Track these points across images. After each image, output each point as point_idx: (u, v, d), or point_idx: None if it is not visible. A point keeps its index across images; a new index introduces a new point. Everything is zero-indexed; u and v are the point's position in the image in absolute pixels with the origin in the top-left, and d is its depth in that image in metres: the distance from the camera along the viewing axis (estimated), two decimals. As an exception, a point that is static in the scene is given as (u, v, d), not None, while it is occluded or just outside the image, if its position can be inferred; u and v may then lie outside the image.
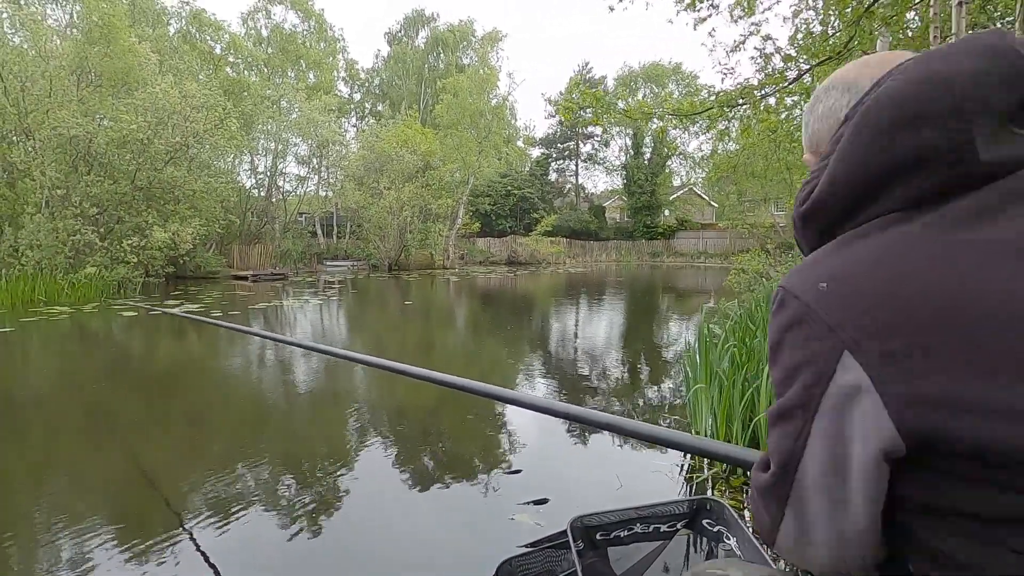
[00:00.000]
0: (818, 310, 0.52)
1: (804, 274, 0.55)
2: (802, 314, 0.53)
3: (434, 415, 3.97)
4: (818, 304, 0.52)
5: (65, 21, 17.78)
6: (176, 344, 7.03)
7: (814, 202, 0.60)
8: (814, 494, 0.54)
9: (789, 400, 0.54)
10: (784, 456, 0.55)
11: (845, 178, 0.57)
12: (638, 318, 9.87)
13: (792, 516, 0.56)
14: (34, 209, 11.42)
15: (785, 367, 0.55)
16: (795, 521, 0.56)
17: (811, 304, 0.52)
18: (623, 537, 1.37)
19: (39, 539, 2.17)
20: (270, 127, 21.93)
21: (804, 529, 0.55)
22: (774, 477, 0.57)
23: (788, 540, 0.58)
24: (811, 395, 0.52)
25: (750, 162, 11.02)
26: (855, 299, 0.50)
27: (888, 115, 0.54)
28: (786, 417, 0.54)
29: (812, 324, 0.52)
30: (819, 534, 0.55)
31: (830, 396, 0.50)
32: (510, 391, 1.34)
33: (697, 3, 5.90)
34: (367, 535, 2.25)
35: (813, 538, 0.55)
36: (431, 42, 37.42)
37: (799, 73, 6.30)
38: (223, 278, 16.50)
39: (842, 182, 0.57)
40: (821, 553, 0.56)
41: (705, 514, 1.37)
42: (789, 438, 0.54)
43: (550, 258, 28.01)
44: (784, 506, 0.56)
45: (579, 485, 2.74)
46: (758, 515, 0.62)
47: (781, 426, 0.55)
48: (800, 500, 0.55)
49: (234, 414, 4.06)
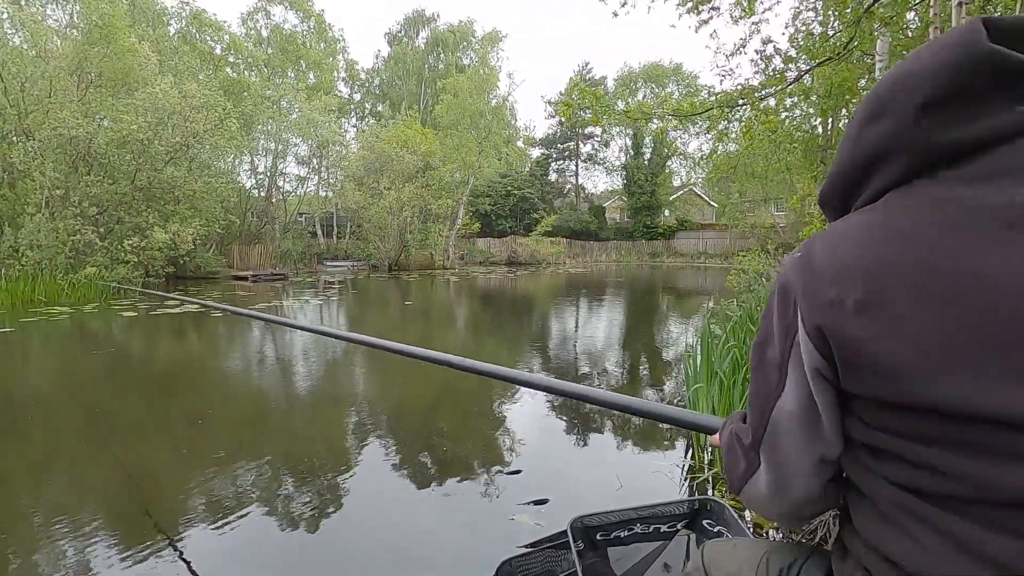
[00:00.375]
0: (790, 275, 0.61)
1: (795, 253, 0.64)
2: (781, 280, 0.63)
3: (434, 414, 3.97)
4: (791, 271, 0.61)
5: (65, 21, 17.79)
6: (176, 344, 7.03)
7: (821, 192, 0.70)
8: (789, 431, 0.62)
9: (769, 353, 0.63)
10: (762, 400, 0.64)
11: (835, 170, 0.66)
12: (638, 318, 9.87)
13: (766, 462, 0.65)
14: (34, 209, 11.41)
15: (767, 326, 0.64)
16: (770, 467, 0.64)
17: (787, 273, 0.62)
18: (623, 537, 1.37)
19: (39, 539, 2.17)
20: (270, 127, 21.93)
21: (780, 476, 0.64)
22: (753, 421, 0.65)
23: (761, 487, 0.66)
24: (784, 347, 0.61)
25: (750, 162, 11.03)
26: (810, 264, 0.59)
27: (862, 111, 0.62)
28: (765, 366, 0.63)
29: (785, 287, 0.61)
30: (795, 473, 0.63)
31: (798, 342, 0.60)
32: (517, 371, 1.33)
33: (699, 5, 5.90)
34: (367, 535, 2.25)
35: (791, 480, 0.64)
36: (431, 42, 37.44)
37: (799, 74, 6.31)
38: (223, 278, 16.49)
39: (834, 174, 0.66)
40: (798, 496, 0.64)
41: (705, 514, 1.37)
42: (768, 385, 0.63)
43: (550, 258, 28.00)
44: (758, 448, 0.65)
45: (579, 485, 2.74)
46: (731, 461, 0.70)
47: (760, 374, 0.64)
48: (774, 440, 0.63)
49: (234, 414, 4.06)
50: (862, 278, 0.54)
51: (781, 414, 0.62)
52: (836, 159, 0.66)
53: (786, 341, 0.60)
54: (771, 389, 0.63)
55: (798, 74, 6.27)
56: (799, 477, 0.63)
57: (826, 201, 0.69)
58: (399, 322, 9.30)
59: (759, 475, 0.65)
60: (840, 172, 0.65)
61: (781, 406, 0.62)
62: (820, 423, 0.60)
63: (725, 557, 0.85)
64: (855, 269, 0.55)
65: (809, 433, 0.61)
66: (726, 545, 0.90)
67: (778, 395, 0.62)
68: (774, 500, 0.65)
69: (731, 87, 6.81)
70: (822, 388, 0.59)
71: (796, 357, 0.60)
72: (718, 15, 6.03)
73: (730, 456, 0.70)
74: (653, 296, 13.67)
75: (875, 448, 0.57)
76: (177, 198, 13.52)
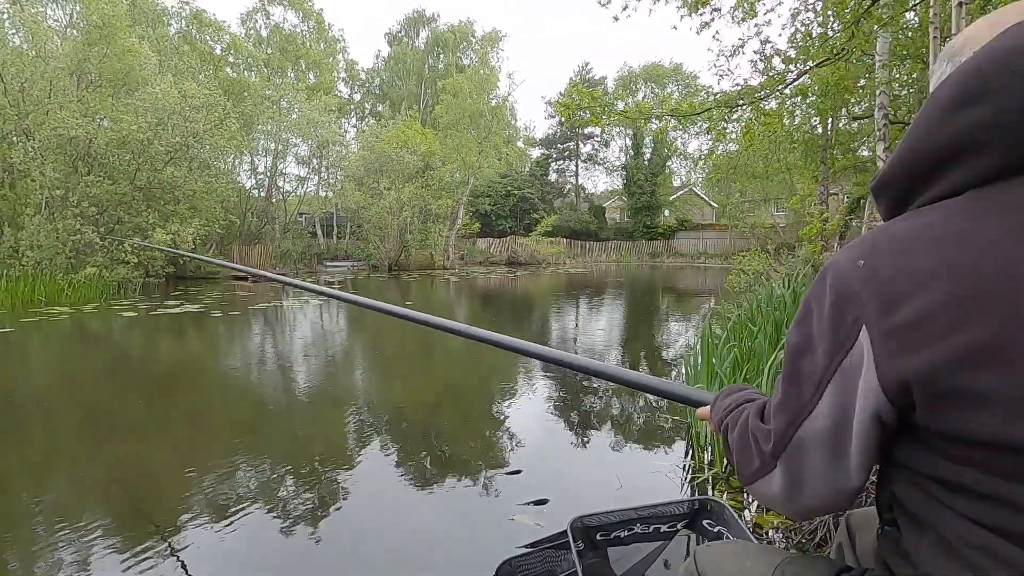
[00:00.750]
0: (850, 284, 0.54)
1: (848, 251, 0.57)
2: (835, 287, 0.55)
3: (434, 415, 3.97)
4: (851, 279, 0.54)
5: (65, 21, 17.79)
6: (176, 344, 7.03)
7: (880, 178, 0.61)
8: (814, 451, 0.57)
9: (808, 365, 0.57)
10: (792, 414, 0.58)
11: (905, 157, 0.57)
12: (638, 319, 9.87)
13: (783, 471, 0.60)
14: (34, 210, 11.41)
15: (808, 333, 0.58)
16: (786, 476, 0.60)
17: (846, 278, 0.55)
18: (623, 537, 1.37)
19: (38, 539, 2.17)
20: (270, 127, 21.93)
21: (796, 482, 0.60)
22: (777, 433, 0.60)
23: (774, 489, 0.62)
24: (829, 363, 0.55)
25: (750, 163, 11.03)
26: (882, 277, 0.52)
27: (949, 92, 0.53)
28: (802, 381, 0.58)
29: (841, 298, 0.54)
30: (810, 489, 0.59)
31: (847, 363, 0.54)
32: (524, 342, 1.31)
33: (700, 7, 5.91)
34: (367, 535, 2.25)
35: (805, 490, 0.60)
36: (431, 42, 37.43)
37: (798, 74, 6.31)
38: (223, 278, 16.49)
39: (902, 161, 0.58)
40: (814, 504, 0.61)
41: (706, 514, 1.37)
42: (800, 399, 0.58)
43: (550, 258, 28.00)
44: (777, 460, 0.60)
45: (579, 485, 2.74)
46: (745, 457, 0.65)
47: (795, 387, 0.59)
48: (795, 456, 0.59)
49: (234, 414, 4.06)
50: (953, 296, 0.47)
51: (807, 433, 0.57)
52: (909, 141, 0.57)
53: (834, 357, 0.54)
54: (803, 404, 0.57)
55: (798, 74, 6.27)
56: (815, 496, 0.60)
57: (884, 188, 0.61)
58: (399, 322, 9.28)
59: (773, 477, 0.62)
60: (913, 158, 0.56)
61: (810, 425, 0.57)
62: (848, 455, 0.56)
63: (724, 562, 0.81)
64: (942, 284, 0.48)
65: (832, 464, 0.57)
66: (724, 549, 0.87)
67: (809, 412, 0.57)
68: (786, 504, 0.62)
69: (730, 87, 6.82)
70: (869, 428, 0.54)
71: (843, 379, 0.54)
72: (719, 16, 6.04)
73: (743, 452, 0.66)
74: (653, 296, 13.67)
75: (945, 481, 0.52)
76: (177, 198, 13.52)
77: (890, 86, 5.93)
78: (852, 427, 0.55)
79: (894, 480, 0.59)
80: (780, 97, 6.70)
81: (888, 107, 5.44)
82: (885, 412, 0.53)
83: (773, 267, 8.36)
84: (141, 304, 10.02)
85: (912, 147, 0.56)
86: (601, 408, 3.97)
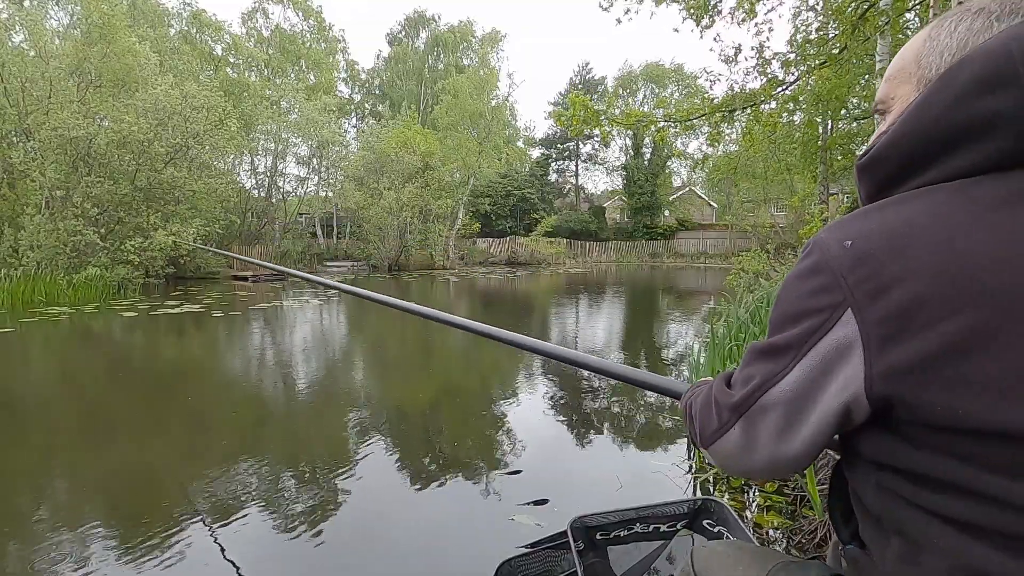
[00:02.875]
0: (835, 265, 0.52)
1: (836, 229, 0.55)
2: (820, 266, 0.54)
3: (434, 415, 3.98)
4: (837, 259, 0.52)
5: (67, 22, 17.79)
6: (176, 344, 7.03)
7: (873, 155, 0.58)
8: (771, 416, 0.58)
9: (784, 339, 0.56)
10: (760, 381, 0.58)
11: (904, 137, 0.55)
12: (638, 319, 9.88)
13: (742, 428, 0.60)
14: (34, 210, 11.42)
15: (789, 310, 0.57)
16: (742, 434, 0.60)
17: (831, 259, 0.53)
18: (623, 537, 1.38)
19: (38, 539, 2.17)
20: (270, 127, 21.94)
21: (747, 443, 0.60)
22: (742, 394, 0.60)
23: (730, 446, 0.62)
24: (805, 340, 0.54)
25: (750, 163, 11.05)
26: (872, 261, 0.50)
27: (973, 75, 0.50)
28: (775, 353, 0.57)
29: (826, 277, 0.53)
30: (760, 450, 0.60)
31: (823, 346, 0.53)
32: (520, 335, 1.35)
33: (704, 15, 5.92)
34: (367, 535, 2.26)
35: (754, 450, 0.60)
36: (431, 43, 37.42)
37: (798, 76, 6.32)
38: (223, 279, 16.49)
39: (898, 141, 0.56)
40: (755, 464, 0.61)
41: (706, 514, 1.38)
42: (772, 368, 0.57)
43: (550, 259, 28.00)
44: (737, 419, 0.61)
45: (579, 485, 2.74)
46: (705, 418, 0.66)
47: (767, 358, 0.58)
48: (755, 417, 0.59)
49: (233, 414, 4.06)
50: (946, 282, 0.47)
51: (769, 399, 0.57)
52: (911, 121, 0.54)
53: (812, 335, 0.53)
54: (773, 372, 0.57)
55: (796, 77, 6.28)
56: (760, 459, 0.60)
57: (872, 167, 0.59)
58: (399, 323, 9.30)
59: (731, 434, 0.61)
60: (914, 140, 0.54)
61: (775, 392, 0.57)
62: (800, 428, 0.56)
63: (720, 563, 0.81)
64: (935, 270, 0.47)
65: (784, 431, 0.57)
66: (720, 550, 0.86)
67: (776, 382, 0.56)
68: (738, 462, 0.62)
69: (726, 91, 6.83)
70: (832, 412, 0.54)
71: (818, 358, 0.53)
72: (720, 18, 6.05)
73: (705, 413, 0.66)
74: (653, 297, 13.67)
75: (918, 474, 0.51)
76: (177, 198, 13.52)
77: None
78: (816, 406, 0.54)
79: (855, 479, 0.58)
80: (779, 99, 6.70)
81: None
82: (857, 404, 0.52)
83: (773, 267, 8.36)
84: (141, 304, 10.02)
85: (915, 129, 0.54)
86: (601, 408, 3.98)
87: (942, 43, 0.57)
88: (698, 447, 0.72)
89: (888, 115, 0.63)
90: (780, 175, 12.81)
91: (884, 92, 0.64)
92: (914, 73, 0.59)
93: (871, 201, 0.58)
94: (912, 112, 0.55)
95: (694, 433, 0.70)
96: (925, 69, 0.58)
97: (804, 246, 0.59)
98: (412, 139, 22.23)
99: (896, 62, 0.62)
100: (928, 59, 0.58)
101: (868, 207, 0.56)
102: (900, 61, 0.62)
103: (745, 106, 6.28)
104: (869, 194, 0.60)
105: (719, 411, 0.63)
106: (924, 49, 0.59)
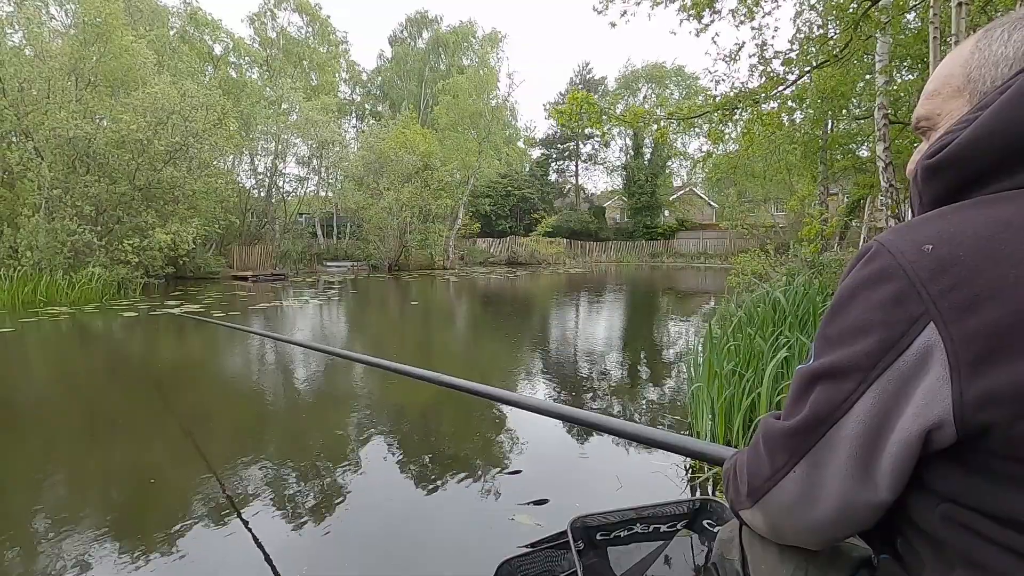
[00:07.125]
0: (913, 272, 0.46)
1: (906, 231, 0.49)
2: (892, 272, 0.48)
3: (434, 415, 3.97)
4: (915, 266, 0.46)
5: (67, 21, 17.78)
6: (176, 345, 7.03)
7: (950, 154, 0.52)
8: (841, 455, 0.50)
9: (848, 359, 0.49)
10: (822, 411, 0.51)
11: (988, 136, 0.49)
12: (638, 319, 9.88)
13: (804, 472, 0.52)
14: (31, 210, 11.40)
15: (851, 323, 0.50)
16: (805, 478, 0.52)
17: (907, 264, 0.47)
18: (623, 537, 1.37)
19: (38, 539, 2.17)
20: (270, 127, 21.94)
21: (812, 488, 0.52)
22: (801, 429, 0.52)
23: (787, 495, 0.54)
24: (878, 359, 0.47)
25: (750, 163, 11.06)
26: (959, 268, 0.44)
27: None
28: (838, 376, 0.50)
29: (899, 284, 0.47)
30: (829, 497, 0.52)
31: (900, 365, 0.46)
32: (507, 392, 1.35)
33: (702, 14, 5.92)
34: (367, 535, 2.25)
35: (820, 498, 0.52)
36: (432, 43, 37.43)
37: (798, 76, 6.32)
38: (223, 278, 16.49)
39: (978, 140, 0.50)
40: (821, 517, 0.53)
41: (706, 515, 1.37)
42: (835, 395, 0.50)
43: (550, 259, 28.02)
44: (798, 460, 0.53)
45: (579, 485, 2.74)
46: (755, 463, 0.58)
47: (828, 382, 0.51)
48: (821, 456, 0.51)
49: (233, 414, 4.06)
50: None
51: (840, 432, 0.50)
52: (994, 119, 0.49)
53: (884, 355, 0.47)
54: (839, 396, 0.50)
55: (797, 76, 6.28)
56: (834, 505, 0.52)
57: (945, 168, 0.53)
58: (399, 323, 9.30)
59: (790, 479, 0.53)
60: (1000, 139, 0.48)
61: (845, 421, 0.49)
62: (877, 468, 0.49)
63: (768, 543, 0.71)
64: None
65: (860, 472, 0.50)
66: None
67: (848, 408, 0.49)
68: (800, 515, 0.54)
69: (727, 90, 6.83)
70: (909, 445, 0.47)
71: (892, 382, 0.47)
72: (719, 18, 6.05)
73: (751, 462, 0.58)
74: (653, 297, 13.68)
75: (1000, 516, 0.45)
76: (176, 198, 13.51)
77: (890, 86, 5.94)
78: (894, 435, 0.47)
79: (918, 509, 0.51)
80: (780, 98, 6.71)
81: (888, 107, 5.45)
82: (941, 431, 0.45)
83: (772, 267, 8.37)
84: (141, 304, 10.02)
85: (1002, 128, 0.48)
86: (601, 408, 3.98)
87: (996, 53, 0.54)
88: (737, 511, 0.62)
89: (934, 132, 0.59)
90: (780, 175, 12.82)
91: (928, 109, 0.60)
92: (964, 87, 0.56)
93: (937, 207, 0.53)
94: (998, 109, 0.49)
95: (735, 492, 0.61)
96: (977, 82, 0.55)
97: (861, 249, 0.53)
98: (412, 139, 22.24)
99: (937, 79, 0.59)
100: (980, 71, 0.55)
101: (943, 209, 0.51)
102: (943, 77, 0.58)
103: (746, 103, 6.29)
104: (937, 198, 0.54)
105: (771, 454, 0.55)
106: (973, 61, 0.55)
